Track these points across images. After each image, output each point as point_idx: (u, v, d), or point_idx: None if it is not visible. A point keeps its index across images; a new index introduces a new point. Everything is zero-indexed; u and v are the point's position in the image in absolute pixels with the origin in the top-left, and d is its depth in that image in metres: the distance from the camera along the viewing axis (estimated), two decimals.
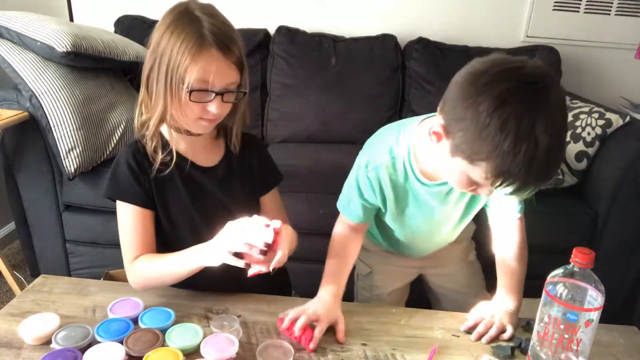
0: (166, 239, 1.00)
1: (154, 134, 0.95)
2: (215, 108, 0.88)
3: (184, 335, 0.84)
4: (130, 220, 0.95)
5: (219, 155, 1.02)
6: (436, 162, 0.89)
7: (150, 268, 0.93)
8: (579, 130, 1.79)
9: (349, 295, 1.06)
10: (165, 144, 0.96)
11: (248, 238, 0.81)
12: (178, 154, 0.95)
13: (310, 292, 0.99)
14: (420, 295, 1.34)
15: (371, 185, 0.98)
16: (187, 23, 0.86)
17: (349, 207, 1.04)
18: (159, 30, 0.89)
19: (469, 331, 0.94)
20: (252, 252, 0.81)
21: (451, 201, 1.00)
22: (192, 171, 0.98)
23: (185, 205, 0.98)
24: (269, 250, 0.81)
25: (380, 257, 1.22)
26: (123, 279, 1.43)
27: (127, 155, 0.96)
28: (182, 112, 0.90)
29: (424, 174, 0.95)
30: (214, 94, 0.88)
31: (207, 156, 1.00)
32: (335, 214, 1.08)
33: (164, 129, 0.98)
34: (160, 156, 0.94)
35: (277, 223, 0.83)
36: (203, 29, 0.85)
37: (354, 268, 1.15)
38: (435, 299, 1.30)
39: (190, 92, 0.86)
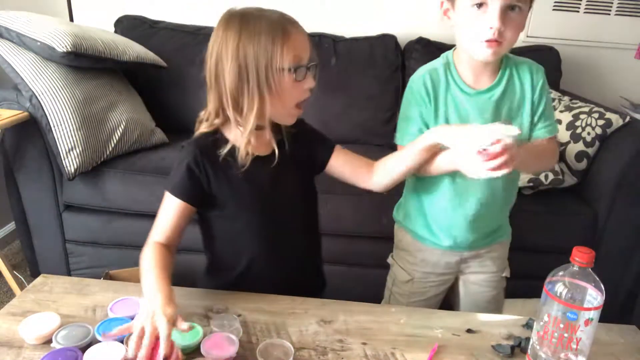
0: (231, 233, 1.03)
1: (211, 132, 0.97)
2: (311, 82, 0.95)
3: (184, 334, 0.84)
4: (172, 211, 0.97)
5: (271, 140, 0.99)
6: (460, 39, 0.99)
7: (143, 262, 0.96)
8: (579, 130, 1.79)
9: (376, 298, 1.04)
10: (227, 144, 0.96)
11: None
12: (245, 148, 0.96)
13: None
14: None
15: (418, 89, 1.05)
16: (256, 22, 0.90)
17: (405, 128, 1.10)
18: (227, 43, 0.90)
19: (470, 330, 0.94)
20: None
21: (490, 114, 1.03)
22: (258, 164, 0.97)
23: (258, 194, 0.99)
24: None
25: (422, 262, 1.21)
26: (123, 279, 1.44)
27: (188, 153, 0.96)
28: (282, 104, 0.94)
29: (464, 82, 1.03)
30: (306, 69, 0.93)
31: (261, 145, 0.99)
32: (335, 214, 1.09)
33: (231, 134, 0.98)
34: (241, 155, 0.95)
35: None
36: (274, 18, 0.91)
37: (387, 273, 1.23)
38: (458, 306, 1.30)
39: (296, 70, 0.91)
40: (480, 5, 0.93)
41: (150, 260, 0.94)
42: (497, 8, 0.92)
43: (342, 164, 1.08)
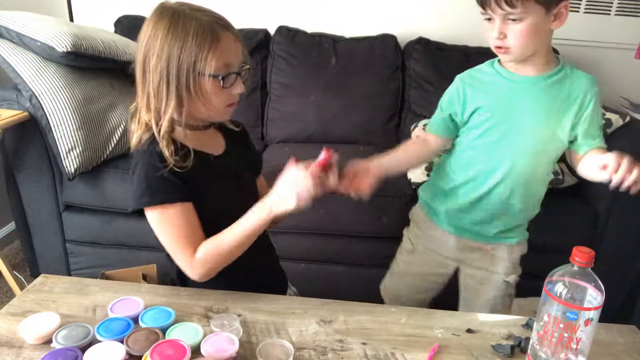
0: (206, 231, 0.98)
1: (168, 139, 0.92)
2: (240, 88, 0.93)
3: (184, 334, 0.84)
4: (179, 218, 0.92)
5: (221, 141, 1.04)
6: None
7: (219, 247, 0.92)
8: None
9: (376, 298, 1.06)
10: (176, 145, 0.93)
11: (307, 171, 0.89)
12: (194, 149, 0.94)
13: (310, 291, 0.99)
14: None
15: (457, 90, 1.17)
16: (186, 22, 0.87)
17: (432, 120, 1.25)
18: (154, 39, 0.89)
19: (470, 330, 0.94)
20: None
21: (532, 98, 1.11)
22: (212, 161, 0.99)
23: (222, 193, 1.00)
24: (329, 170, 0.93)
25: (427, 238, 1.31)
26: (120, 279, 1.44)
27: (151, 160, 0.91)
28: (208, 105, 0.92)
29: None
30: (235, 75, 0.91)
31: (214, 145, 1.02)
32: (335, 214, 1.09)
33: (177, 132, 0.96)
34: (178, 156, 0.91)
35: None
36: (205, 19, 0.88)
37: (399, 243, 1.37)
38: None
39: (222, 78, 0.89)
40: (489, 19, 1.09)
41: (220, 240, 0.93)
42: (497, 21, 1.07)
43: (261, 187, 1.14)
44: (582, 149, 1.13)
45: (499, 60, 1.16)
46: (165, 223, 0.92)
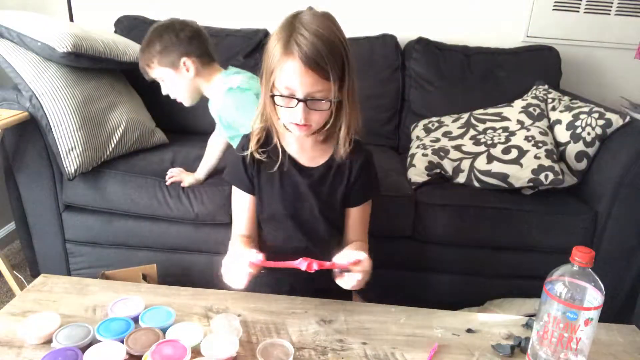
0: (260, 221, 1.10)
1: (258, 131, 1.02)
2: (299, 114, 0.91)
3: (184, 334, 0.84)
4: (236, 202, 1.09)
5: (324, 158, 1.05)
6: None
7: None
8: (579, 130, 1.79)
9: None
10: (272, 141, 1.02)
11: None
12: (284, 151, 1.02)
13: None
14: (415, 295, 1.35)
15: None
16: (286, 28, 0.91)
17: None
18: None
19: (470, 330, 0.94)
20: None
21: None
22: (291, 168, 1.03)
23: (275, 198, 1.04)
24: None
25: None
26: (120, 279, 1.44)
27: (240, 146, 1.05)
28: (276, 114, 0.96)
29: None
30: (296, 101, 0.91)
31: (312, 157, 1.05)
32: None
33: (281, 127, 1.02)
34: (261, 154, 1.02)
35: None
36: (294, 36, 0.89)
37: None
38: None
39: (272, 95, 0.92)
40: None
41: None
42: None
43: (349, 216, 1.11)
44: None
45: None
46: (233, 198, 1.12)
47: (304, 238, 1.07)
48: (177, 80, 1.47)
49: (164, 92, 1.51)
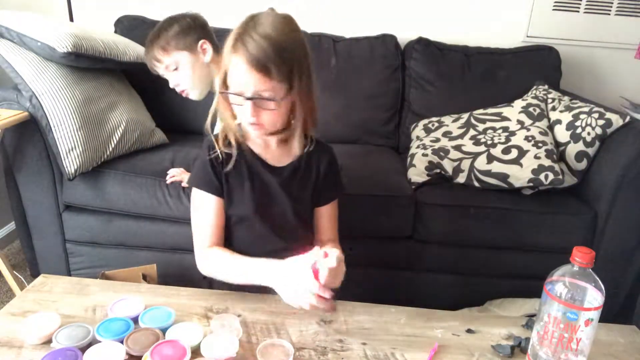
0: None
1: (221, 131, 1.03)
2: (248, 112, 0.93)
3: (184, 334, 0.84)
4: (204, 208, 1.04)
5: (290, 157, 1.06)
6: None
7: (220, 267, 1.00)
8: (579, 130, 1.79)
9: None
10: (238, 142, 1.03)
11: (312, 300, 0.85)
12: (251, 151, 1.03)
13: None
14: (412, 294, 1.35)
15: None
16: (240, 28, 0.93)
17: None
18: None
19: (470, 330, 0.94)
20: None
21: None
22: (260, 168, 1.04)
23: (246, 198, 1.04)
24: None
25: None
26: (120, 279, 1.44)
27: (207, 147, 1.05)
28: (231, 112, 0.98)
29: None
30: (243, 99, 0.92)
31: (278, 156, 1.06)
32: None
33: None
34: (230, 150, 1.02)
35: (328, 262, 0.86)
36: (243, 36, 0.91)
37: None
38: None
39: (222, 93, 0.94)
40: None
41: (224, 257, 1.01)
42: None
43: (323, 216, 1.12)
44: None
45: None
46: (195, 205, 1.08)
47: (277, 239, 1.06)
48: (193, 64, 1.43)
49: (173, 83, 1.46)
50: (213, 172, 1.03)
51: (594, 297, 0.77)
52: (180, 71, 1.46)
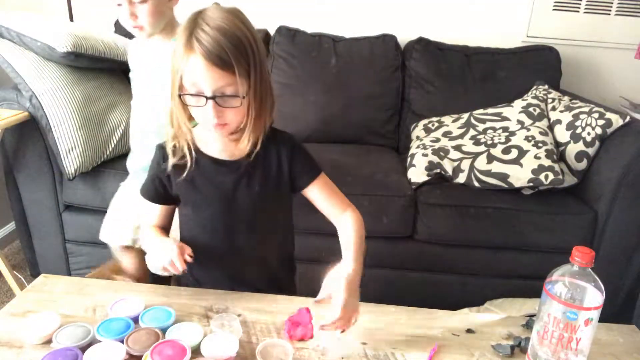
0: (191, 228, 1.06)
1: (171, 138, 0.99)
2: (210, 113, 0.88)
3: (184, 334, 0.84)
4: (150, 214, 1.08)
5: (244, 151, 1.00)
6: None
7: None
8: (579, 130, 1.79)
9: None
10: (189, 144, 0.99)
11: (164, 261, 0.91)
12: (202, 152, 0.99)
13: (311, 292, 0.99)
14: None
15: None
16: (188, 25, 0.88)
17: None
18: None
19: (470, 330, 0.94)
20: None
21: None
22: (214, 167, 1.00)
23: (206, 201, 1.02)
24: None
25: None
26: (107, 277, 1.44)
27: (156, 161, 1.03)
28: (185, 115, 0.94)
29: None
30: (205, 99, 0.88)
31: (233, 150, 1.00)
32: None
33: (196, 129, 1.00)
34: (181, 154, 0.98)
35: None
36: (195, 33, 0.86)
37: None
38: None
39: (180, 95, 0.90)
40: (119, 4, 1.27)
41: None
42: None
43: (317, 198, 1.07)
44: None
45: None
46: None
47: (243, 235, 1.04)
48: (165, 4, 1.32)
49: (130, 14, 1.27)
50: (161, 185, 1.03)
51: (594, 296, 0.77)
52: (149, 4, 1.28)
